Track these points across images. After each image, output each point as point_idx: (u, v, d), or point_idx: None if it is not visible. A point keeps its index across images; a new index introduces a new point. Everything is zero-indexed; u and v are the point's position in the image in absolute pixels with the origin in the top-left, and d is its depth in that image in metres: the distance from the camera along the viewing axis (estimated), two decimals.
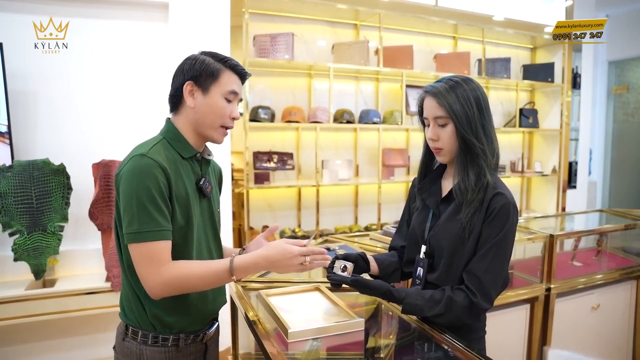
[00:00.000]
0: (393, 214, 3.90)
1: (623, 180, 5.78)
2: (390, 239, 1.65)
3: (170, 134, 1.24)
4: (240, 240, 3.23)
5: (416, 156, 4.05)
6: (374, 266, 1.40)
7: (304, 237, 3.39)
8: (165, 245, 1.13)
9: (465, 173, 1.23)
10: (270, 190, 3.53)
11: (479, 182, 1.22)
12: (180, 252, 1.18)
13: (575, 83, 4.67)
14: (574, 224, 3.10)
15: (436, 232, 1.28)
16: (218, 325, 1.36)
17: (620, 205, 5.38)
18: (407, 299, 1.21)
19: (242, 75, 1.26)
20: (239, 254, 1.38)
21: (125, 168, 1.14)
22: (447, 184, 1.34)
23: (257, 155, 3.44)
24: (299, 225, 3.64)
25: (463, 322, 1.22)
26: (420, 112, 1.33)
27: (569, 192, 4.65)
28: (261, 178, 3.37)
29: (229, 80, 1.22)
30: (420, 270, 1.32)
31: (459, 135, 1.23)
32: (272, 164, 3.45)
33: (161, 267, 1.11)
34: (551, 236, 2.27)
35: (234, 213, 3.16)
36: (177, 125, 1.25)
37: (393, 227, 2.31)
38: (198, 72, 1.20)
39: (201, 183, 1.25)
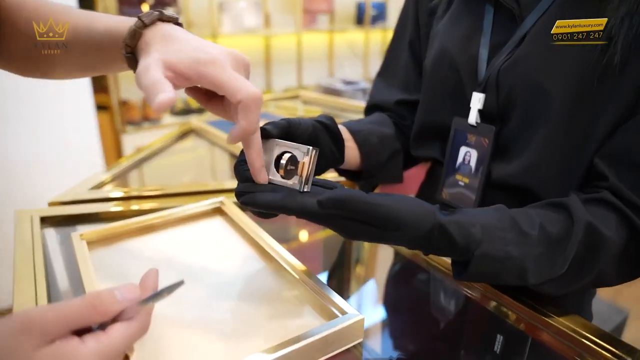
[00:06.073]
0: (318, 74, 3.08)
1: None
2: (342, 99, 0.87)
3: None
4: (113, 127, 2.29)
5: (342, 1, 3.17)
6: (351, 149, 0.62)
7: None
8: None
9: None
10: None
11: None
12: None
13: None
14: None
15: (517, 60, 0.52)
16: None
17: None
18: (492, 243, 0.43)
19: None
20: None
21: None
22: None
23: None
24: None
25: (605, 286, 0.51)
26: None
27: None
28: None
29: None
30: (467, 154, 0.59)
31: None
32: (145, 10, 2.40)
33: None
34: None
35: (99, 86, 2.22)
36: None
37: (347, 82, 1.55)
38: None
39: None
